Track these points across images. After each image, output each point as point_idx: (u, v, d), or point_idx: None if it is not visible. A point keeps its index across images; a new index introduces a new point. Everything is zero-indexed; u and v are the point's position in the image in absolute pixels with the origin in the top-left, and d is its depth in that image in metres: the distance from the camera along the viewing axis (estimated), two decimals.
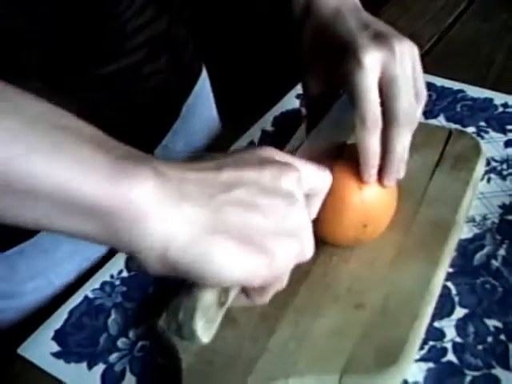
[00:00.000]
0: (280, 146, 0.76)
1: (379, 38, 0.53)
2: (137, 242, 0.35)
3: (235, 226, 0.37)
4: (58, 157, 0.33)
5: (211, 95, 0.89)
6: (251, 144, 0.79)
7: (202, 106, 0.85)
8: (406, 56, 0.52)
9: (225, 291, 0.40)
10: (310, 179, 0.44)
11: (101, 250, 0.69)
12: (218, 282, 0.37)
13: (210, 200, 0.37)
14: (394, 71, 0.51)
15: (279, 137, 0.79)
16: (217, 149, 0.80)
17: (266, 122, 0.82)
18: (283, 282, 0.42)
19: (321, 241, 0.57)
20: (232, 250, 0.36)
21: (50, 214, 0.34)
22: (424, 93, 0.55)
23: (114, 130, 0.66)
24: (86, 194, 0.33)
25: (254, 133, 0.81)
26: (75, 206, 0.34)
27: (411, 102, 0.52)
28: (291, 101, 0.85)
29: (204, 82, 0.85)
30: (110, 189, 0.34)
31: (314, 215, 0.46)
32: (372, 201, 0.56)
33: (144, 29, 0.65)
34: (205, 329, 0.38)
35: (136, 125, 0.69)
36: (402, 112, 0.52)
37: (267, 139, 0.80)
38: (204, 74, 0.85)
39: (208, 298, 0.38)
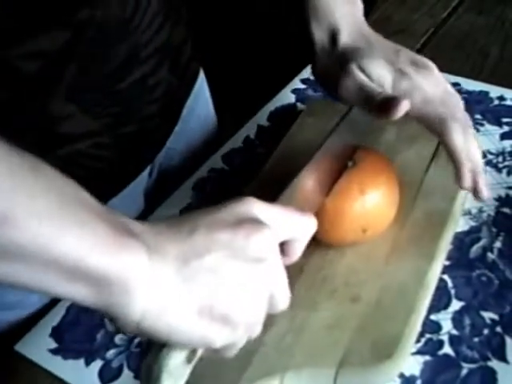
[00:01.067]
0: (276, 140, 0.76)
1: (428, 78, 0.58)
2: (120, 310, 0.38)
3: (202, 296, 0.40)
4: (75, 229, 0.36)
5: (208, 94, 0.88)
6: (247, 139, 0.79)
7: (201, 106, 0.84)
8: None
9: (192, 350, 0.42)
10: (292, 227, 0.45)
11: None
12: (184, 345, 0.41)
13: (184, 265, 0.39)
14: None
15: (275, 132, 0.79)
16: (214, 146, 0.80)
17: (262, 117, 0.82)
18: (254, 333, 0.44)
19: (317, 239, 0.58)
20: (195, 322, 0.40)
21: (52, 279, 0.37)
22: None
23: (124, 141, 0.66)
24: (92, 263, 0.36)
25: (250, 128, 0.81)
26: (80, 273, 0.36)
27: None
28: (287, 96, 0.85)
29: (202, 82, 0.84)
30: (113, 261, 0.37)
31: (295, 259, 0.47)
32: (373, 206, 0.57)
33: (153, 38, 0.65)
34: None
35: (142, 133, 0.69)
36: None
37: (263, 134, 0.80)
38: (201, 73, 0.84)
39: (176, 356, 0.41)
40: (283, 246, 0.45)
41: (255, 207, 0.43)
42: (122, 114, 0.64)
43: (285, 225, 0.44)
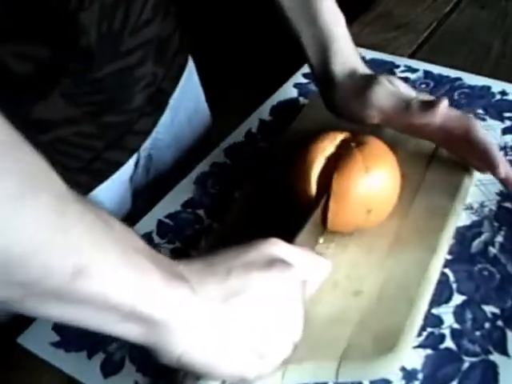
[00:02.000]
0: (278, 135, 0.76)
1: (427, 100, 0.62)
2: (162, 346, 0.41)
3: (241, 334, 0.43)
4: (133, 278, 0.39)
5: (200, 87, 0.88)
6: (249, 133, 0.79)
7: (190, 98, 0.84)
8: None
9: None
10: (310, 269, 0.49)
11: None
12: (220, 378, 0.45)
13: (223, 305, 0.42)
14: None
15: (277, 126, 0.79)
16: (208, 142, 0.80)
17: (264, 111, 0.82)
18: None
19: (321, 228, 0.58)
20: (234, 360, 0.43)
21: (106, 321, 0.39)
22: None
23: (107, 131, 0.66)
24: (145, 308, 0.39)
25: (252, 122, 0.81)
26: (133, 316, 0.39)
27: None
28: (289, 90, 0.85)
29: (191, 74, 0.84)
30: (161, 304, 0.40)
31: (307, 297, 0.49)
32: (377, 186, 0.57)
33: (139, 32, 0.65)
34: None
35: (126, 123, 0.69)
36: None
37: (265, 128, 0.80)
38: (191, 65, 0.84)
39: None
40: None
41: (280, 248, 0.47)
42: (104, 102, 0.65)
43: (304, 266, 0.48)
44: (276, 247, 0.47)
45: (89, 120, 0.64)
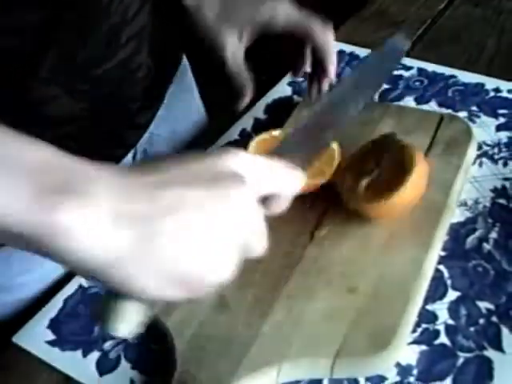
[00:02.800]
0: None
1: None
2: (66, 260, 0.36)
3: (161, 258, 0.37)
4: None
5: (194, 84, 0.89)
6: (243, 132, 0.79)
7: (185, 94, 0.85)
8: None
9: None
10: (276, 181, 0.44)
11: None
12: (140, 298, 0.39)
13: (144, 224, 0.37)
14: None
15: (272, 124, 0.79)
16: (202, 139, 0.80)
17: (259, 109, 0.82)
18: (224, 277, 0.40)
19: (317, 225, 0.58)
20: (151, 282, 0.37)
21: None
22: None
23: (107, 125, 0.66)
24: (11, 223, 0.35)
25: (247, 121, 0.81)
26: (5, 231, 0.35)
27: None
28: (283, 88, 0.85)
29: (185, 70, 0.85)
30: (33, 219, 0.35)
31: (278, 212, 0.45)
32: (422, 180, 0.60)
33: (130, 23, 0.65)
34: (123, 328, 0.40)
35: (124, 117, 0.70)
36: None
37: (260, 127, 0.80)
38: (185, 61, 0.85)
39: (131, 302, 0.40)
40: (266, 200, 0.43)
41: (237, 160, 0.41)
42: (104, 96, 0.65)
43: (268, 178, 0.43)
44: (229, 159, 0.41)
45: (91, 114, 0.64)
